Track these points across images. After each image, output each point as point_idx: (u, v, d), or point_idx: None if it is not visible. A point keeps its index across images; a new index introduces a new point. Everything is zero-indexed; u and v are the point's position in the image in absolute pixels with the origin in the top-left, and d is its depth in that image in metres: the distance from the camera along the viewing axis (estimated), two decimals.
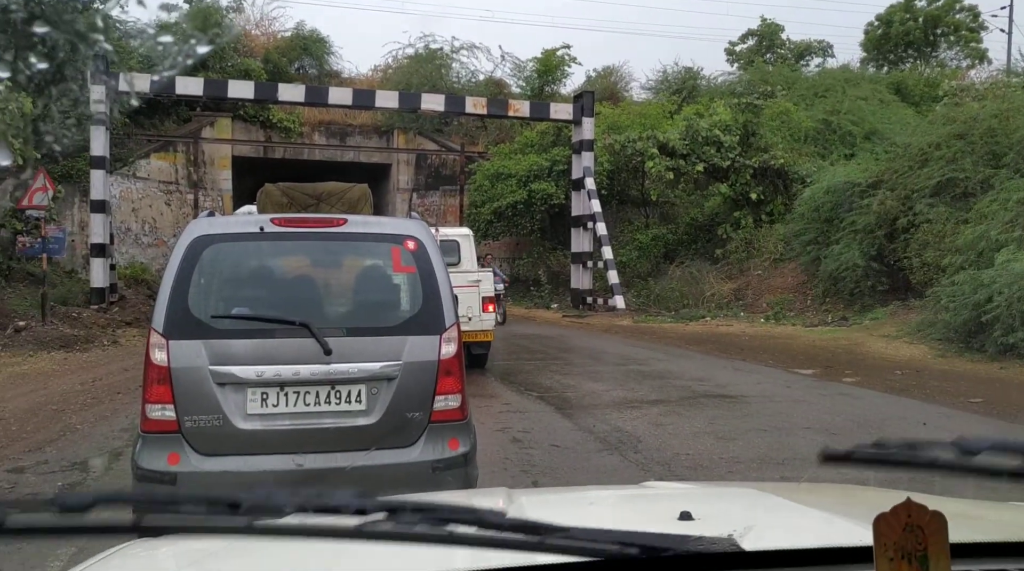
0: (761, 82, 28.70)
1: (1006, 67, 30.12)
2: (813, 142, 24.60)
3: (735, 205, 23.30)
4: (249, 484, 3.93)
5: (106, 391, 10.34)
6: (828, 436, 7.65)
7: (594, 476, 6.41)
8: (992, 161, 16.03)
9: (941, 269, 14.64)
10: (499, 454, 6.93)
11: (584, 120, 23.38)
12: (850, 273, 17.64)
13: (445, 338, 4.17)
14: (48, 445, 7.45)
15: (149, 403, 3.94)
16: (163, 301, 4.00)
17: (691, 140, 23.11)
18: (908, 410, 8.89)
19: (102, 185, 20.53)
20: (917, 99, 28.00)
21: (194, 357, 3.94)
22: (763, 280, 21.08)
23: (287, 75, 29.15)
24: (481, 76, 33.04)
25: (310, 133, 29.24)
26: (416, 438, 4.10)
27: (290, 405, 4.01)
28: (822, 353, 13.73)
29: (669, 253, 24.49)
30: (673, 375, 11.45)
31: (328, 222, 4.35)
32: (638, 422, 8.31)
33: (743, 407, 9.12)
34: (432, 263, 4.25)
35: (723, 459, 6.87)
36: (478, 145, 30.46)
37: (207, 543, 1.67)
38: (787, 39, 37.65)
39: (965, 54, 35.74)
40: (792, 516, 1.48)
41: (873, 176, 18.48)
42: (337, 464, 3.99)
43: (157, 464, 3.89)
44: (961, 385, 10.51)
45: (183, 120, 26.81)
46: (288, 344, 4.01)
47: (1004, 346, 12.04)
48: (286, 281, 4.48)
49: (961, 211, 15.50)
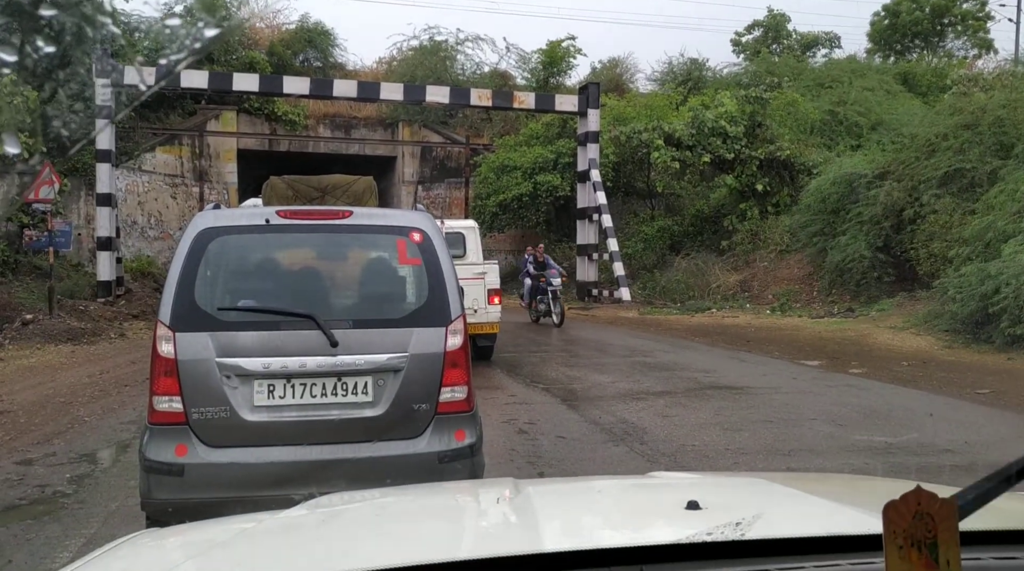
0: (767, 73, 28.58)
1: (1014, 57, 29.94)
2: (819, 133, 24.50)
3: (741, 197, 23.23)
4: (256, 476, 3.95)
5: (113, 384, 10.38)
6: (835, 427, 7.64)
7: (600, 467, 6.42)
8: (1000, 151, 15.95)
9: (948, 260, 14.59)
10: (505, 445, 6.94)
11: (589, 112, 23.30)
12: (856, 264, 17.60)
13: (451, 330, 4.17)
14: (56, 437, 7.49)
15: (156, 395, 3.95)
16: (169, 294, 4.01)
17: (697, 131, 23.04)
18: (915, 401, 8.88)
19: (108, 178, 20.56)
20: (924, 89, 27.86)
21: (201, 349, 3.95)
22: (769, 272, 21.04)
23: (291, 68, 29.10)
24: (486, 68, 32.96)
25: (315, 126, 29.21)
26: (422, 429, 4.11)
27: (296, 397, 4.02)
28: (828, 344, 13.71)
29: (675, 245, 24.45)
30: (679, 367, 11.44)
31: (334, 214, 4.34)
32: (644, 413, 8.31)
33: (749, 398, 9.12)
34: (438, 255, 4.25)
35: (729, 450, 6.87)
36: (483, 137, 30.39)
37: (215, 533, 1.67)
38: (793, 30, 37.52)
39: (972, 44, 35.54)
40: (800, 505, 1.48)
41: (880, 167, 18.42)
42: (344, 456, 4.00)
43: (165, 455, 3.91)
44: (968, 376, 10.48)
45: (188, 113, 26.81)
46: (294, 336, 4.02)
47: (1011, 337, 12.01)
48: (292, 273, 4.49)
49: (968, 202, 15.44)
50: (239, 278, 4.31)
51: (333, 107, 28.72)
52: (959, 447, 6.87)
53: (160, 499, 3.94)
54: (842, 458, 6.54)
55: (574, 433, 7.54)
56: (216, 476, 3.92)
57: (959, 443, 7.00)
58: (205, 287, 4.10)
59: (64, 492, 5.83)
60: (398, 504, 1.76)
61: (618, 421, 7.96)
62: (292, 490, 3.97)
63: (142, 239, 24.85)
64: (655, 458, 6.62)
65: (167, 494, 3.92)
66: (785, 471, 6.21)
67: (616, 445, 7.07)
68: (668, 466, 6.37)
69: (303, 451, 4.00)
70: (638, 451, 6.84)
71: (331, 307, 4.30)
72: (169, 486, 3.90)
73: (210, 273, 4.14)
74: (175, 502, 3.95)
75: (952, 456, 6.60)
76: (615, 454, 6.79)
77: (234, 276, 4.29)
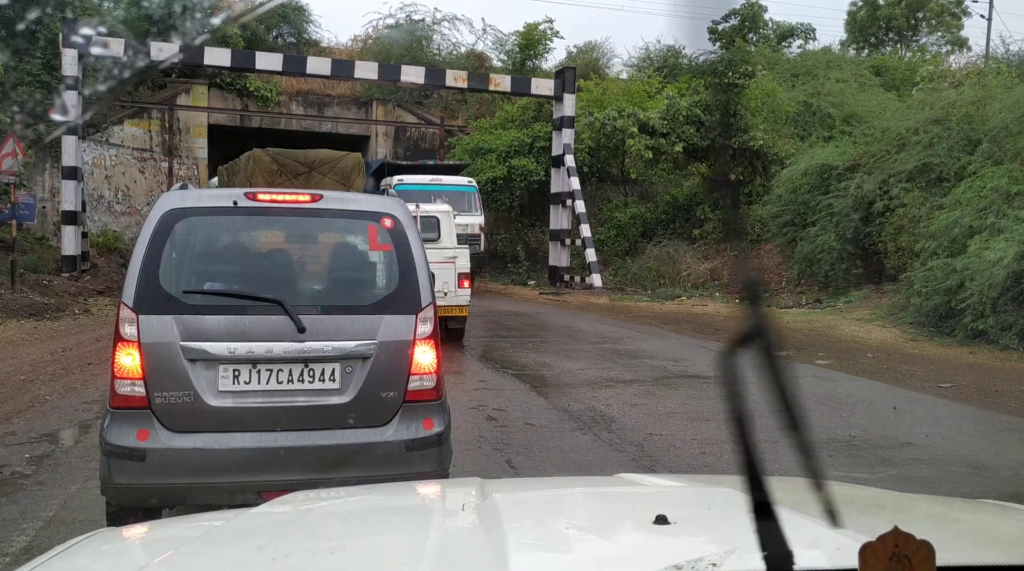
0: (743, 62, 28.63)
1: (985, 53, 30.29)
2: (793, 124, 24.64)
3: (714, 185, 23.32)
4: (220, 462, 3.90)
5: (76, 361, 10.21)
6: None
7: (568, 456, 6.44)
8: (968, 147, 16.15)
9: (915, 254, 14.78)
10: (474, 432, 6.94)
11: (565, 97, 23.24)
12: (825, 256, 17.76)
13: (421, 317, 4.14)
14: (16, 416, 7.36)
15: (118, 378, 3.88)
16: (133, 275, 3.93)
17: (671, 119, 23.08)
18: (879, 394, 9.00)
19: (74, 151, 20.14)
20: (897, 83, 28.10)
21: (165, 332, 3.88)
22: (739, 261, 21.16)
23: (265, 43, 28.68)
24: (463, 49, 32.75)
25: (287, 102, 28.85)
26: (390, 418, 4.08)
27: (263, 383, 3.97)
28: (795, 335, 13.85)
29: (647, 232, 24.51)
30: (648, 355, 11.50)
31: (303, 198, 4.28)
32: (612, 401, 8.35)
33: (716, 388, 9.14)
34: (409, 241, 4.21)
35: (695, 440, 6.92)
36: (458, 119, 30.21)
37: (183, 530, 1.63)
38: (770, 20, 37.60)
39: (946, 40, 35.91)
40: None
41: (851, 159, 18.57)
42: (310, 443, 3.96)
43: (126, 440, 3.84)
44: (931, 369, 10.65)
45: (158, 87, 26.34)
46: (261, 321, 3.96)
47: (974, 332, 12.22)
48: (260, 257, 4.42)
49: (936, 197, 15.62)
50: (205, 261, 4.24)
51: (306, 84, 28.37)
52: (920, 440, 6.98)
53: (121, 484, 3.88)
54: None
55: (542, 420, 7.55)
56: (178, 462, 3.87)
57: (920, 436, 7.12)
58: (170, 269, 4.02)
59: (23, 473, 5.73)
60: (361, 509, 1.73)
61: (587, 409, 7.98)
62: (256, 477, 3.94)
63: (109, 214, 24.44)
64: (622, 447, 6.65)
65: (128, 479, 3.86)
66: None
67: (584, 433, 7.09)
68: (635, 456, 6.41)
69: (268, 437, 3.95)
70: (605, 440, 6.86)
71: (299, 292, 4.25)
72: (130, 471, 3.84)
73: (176, 255, 4.07)
74: (136, 487, 3.89)
75: (913, 449, 6.71)
76: (583, 442, 6.82)
77: (200, 258, 4.22)
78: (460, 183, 21.23)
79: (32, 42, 20.24)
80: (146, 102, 25.72)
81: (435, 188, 19.89)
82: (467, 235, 19.74)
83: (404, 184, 19.65)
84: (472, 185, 21.53)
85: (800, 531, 1.34)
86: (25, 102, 19.48)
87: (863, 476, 5.86)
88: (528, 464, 6.14)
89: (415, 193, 19.72)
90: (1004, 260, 11.86)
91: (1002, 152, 14.94)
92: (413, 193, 19.84)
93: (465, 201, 20.61)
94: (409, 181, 19.95)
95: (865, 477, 5.82)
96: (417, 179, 20.27)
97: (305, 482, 3.56)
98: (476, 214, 21.08)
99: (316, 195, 4.27)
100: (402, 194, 19.48)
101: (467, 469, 5.54)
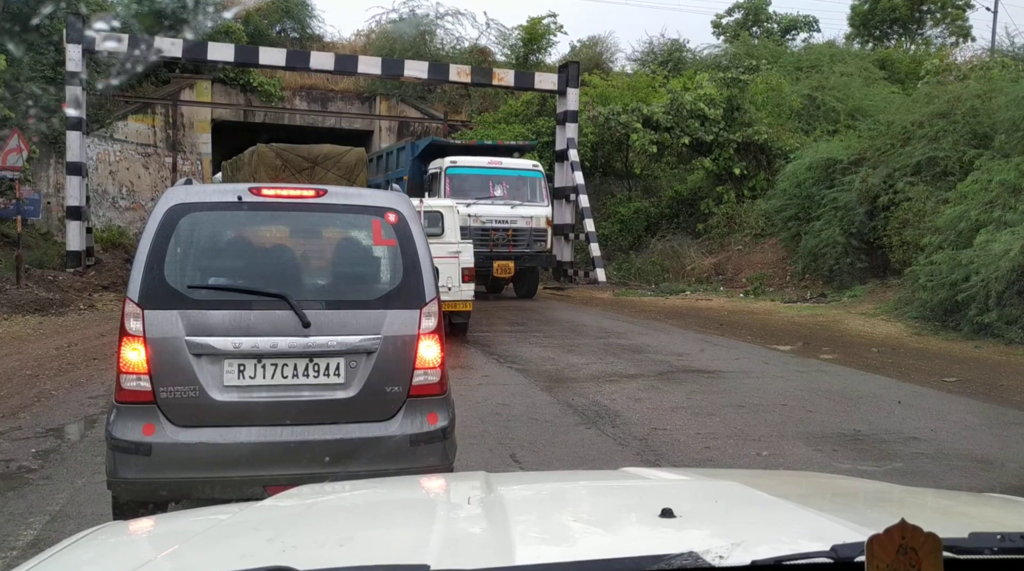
0: (746, 56, 28.57)
1: (991, 46, 30.16)
2: (797, 118, 24.58)
3: (718, 180, 23.29)
4: (225, 456, 3.91)
5: (82, 356, 10.23)
6: (804, 413, 7.72)
7: (572, 450, 6.44)
8: (974, 141, 16.10)
9: (920, 248, 14.73)
10: (478, 427, 6.94)
11: (569, 91, 23.18)
12: (830, 250, 17.72)
13: (425, 312, 4.14)
14: (22, 411, 7.38)
15: (124, 373, 3.89)
16: (138, 270, 3.94)
17: (675, 114, 23.03)
18: (883, 388, 8.98)
19: (78, 147, 20.14)
20: (903, 76, 28.00)
21: (170, 327, 3.89)
22: (743, 255, 21.15)
23: (268, 38, 28.66)
24: (466, 43, 32.65)
25: (291, 98, 28.84)
26: (395, 412, 4.09)
27: (267, 377, 3.98)
28: (800, 329, 13.83)
29: (651, 227, 24.48)
30: (652, 349, 11.49)
31: (308, 193, 4.28)
32: (616, 396, 8.34)
33: (720, 382, 9.18)
34: (413, 236, 4.21)
35: (700, 435, 6.91)
36: (461, 114, 30.15)
37: (189, 524, 1.64)
38: (773, 13, 37.49)
39: (950, 32, 35.74)
40: (777, 515, 1.46)
41: (855, 153, 18.52)
42: (314, 437, 3.97)
43: (131, 435, 3.86)
44: (936, 364, 10.63)
45: (161, 82, 26.32)
46: (266, 316, 3.97)
47: (979, 325, 12.18)
48: (264, 252, 4.43)
49: (942, 190, 15.58)
50: (210, 256, 4.25)
51: (310, 79, 28.33)
52: (925, 435, 6.97)
53: (127, 478, 3.89)
54: (812, 445, 6.61)
55: (547, 415, 7.56)
56: (184, 456, 3.88)
57: (925, 431, 7.10)
58: (175, 264, 4.03)
59: (29, 467, 5.75)
60: (367, 503, 1.74)
61: (591, 403, 7.98)
62: (261, 471, 3.95)
63: (113, 209, 24.46)
64: (627, 441, 6.65)
65: (134, 473, 3.87)
66: (755, 456, 6.27)
67: (588, 428, 7.09)
68: (639, 450, 6.41)
69: (273, 432, 3.97)
70: (610, 434, 6.86)
71: (304, 287, 4.25)
72: (136, 465, 3.85)
73: (180, 250, 4.07)
74: (142, 482, 3.91)
75: (918, 444, 6.70)
76: (587, 437, 6.82)
77: (205, 253, 4.22)
78: (523, 167, 18.56)
79: (43, 37, 20.25)
80: (150, 97, 25.72)
81: (494, 172, 17.77)
82: (531, 230, 17.72)
83: (457, 167, 17.45)
84: (538, 170, 18.71)
85: (806, 523, 1.34)
86: (31, 97, 19.48)
87: (869, 470, 5.86)
88: (532, 458, 6.15)
89: (470, 178, 17.33)
90: (1011, 252, 11.81)
91: (1011, 145, 14.89)
92: (468, 178, 17.33)
93: (528, 189, 18.13)
94: (463, 163, 17.65)
95: (871, 471, 5.82)
96: (473, 162, 17.83)
97: (310, 476, 3.57)
98: (542, 205, 18.31)
99: (320, 190, 4.27)
100: (455, 179, 17.14)
101: (471, 463, 5.54)
